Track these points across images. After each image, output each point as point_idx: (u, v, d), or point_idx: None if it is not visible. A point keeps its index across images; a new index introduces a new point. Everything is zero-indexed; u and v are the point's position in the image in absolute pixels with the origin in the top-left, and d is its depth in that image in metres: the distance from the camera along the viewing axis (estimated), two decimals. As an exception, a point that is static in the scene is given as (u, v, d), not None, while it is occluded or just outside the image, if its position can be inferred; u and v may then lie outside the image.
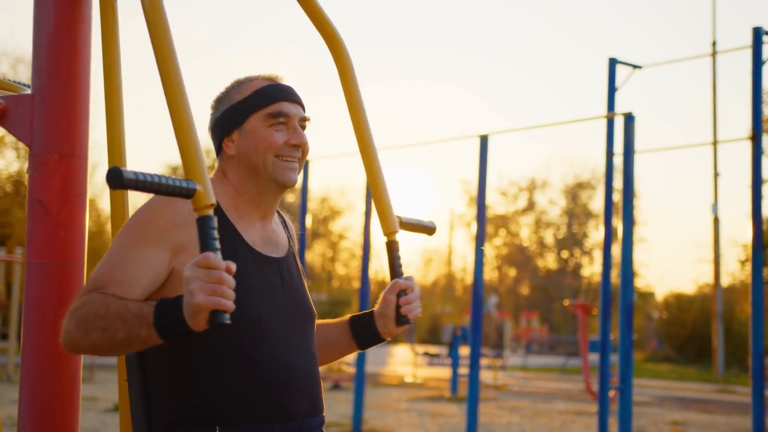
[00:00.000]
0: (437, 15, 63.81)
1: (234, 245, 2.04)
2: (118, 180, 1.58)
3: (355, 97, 2.31)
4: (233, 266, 1.67)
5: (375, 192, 2.28)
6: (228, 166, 2.13)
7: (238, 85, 2.16)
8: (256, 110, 2.09)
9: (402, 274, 2.24)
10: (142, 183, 1.61)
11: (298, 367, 2.06)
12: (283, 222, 2.32)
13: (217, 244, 1.68)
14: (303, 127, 2.15)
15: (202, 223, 1.69)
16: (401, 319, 2.20)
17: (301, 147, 2.13)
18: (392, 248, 2.25)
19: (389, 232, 2.25)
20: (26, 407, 2.06)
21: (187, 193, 1.68)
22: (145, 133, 57.71)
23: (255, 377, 1.98)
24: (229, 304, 1.65)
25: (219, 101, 2.16)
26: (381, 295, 2.24)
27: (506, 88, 66.18)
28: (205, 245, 1.67)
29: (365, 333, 2.28)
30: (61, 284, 2.08)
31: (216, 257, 1.65)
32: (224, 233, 2.03)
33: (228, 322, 1.65)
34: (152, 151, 57.90)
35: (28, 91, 2.40)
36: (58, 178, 2.08)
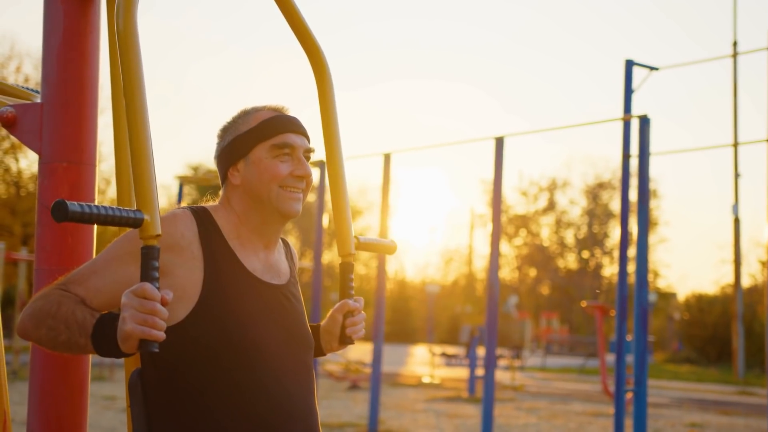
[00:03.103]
0: (452, 16, 63.81)
1: (233, 271, 2.06)
2: (63, 213, 1.61)
3: (331, 115, 2.33)
4: (169, 297, 1.72)
5: (336, 212, 2.32)
6: (232, 195, 2.15)
7: (245, 115, 2.17)
8: (262, 141, 2.12)
9: (352, 295, 2.30)
10: (87, 215, 1.64)
11: (295, 396, 2.08)
12: (288, 250, 2.35)
13: (157, 275, 1.72)
14: (307, 158, 2.18)
15: (146, 252, 1.73)
16: (344, 339, 2.27)
17: (305, 178, 2.15)
18: (346, 269, 2.30)
19: (345, 254, 2.30)
20: (35, 410, 2.10)
21: (135, 223, 1.72)
22: (163, 129, 58.03)
23: (252, 406, 2.00)
24: (158, 335, 1.70)
25: (225, 131, 2.18)
26: (329, 313, 2.29)
27: (520, 89, 66.16)
28: (145, 275, 1.72)
29: None
30: (69, 289, 2.11)
31: (152, 288, 1.70)
32: (224, 259, 2.06)
33: (156, 350, 1.70)
34: (167, 148, 58.18)
35: (39, 98, 2.45)
36: (67, 185, 2.12)
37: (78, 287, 1.92)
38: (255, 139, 2.12)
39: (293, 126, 2.16)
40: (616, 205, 48.02)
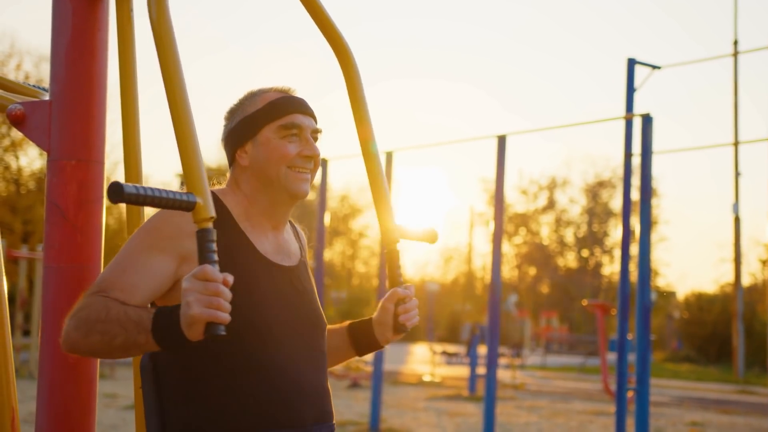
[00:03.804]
0: (453, 15, 63.81)
1: (246, 254, 2.06)
2: (118, 194, 1.61)
3: (361, 106, 2.32)
4: (230, 279, 1.70)
5: (378, 202, 2.30)
6: (241, 177, 2.15)
7: (252, 96, 2.18)
8: (270, 122, 2.12)
9: (402, 282, 2.27)
10: (142, 197, 1.64)
11: (307, 375, 2.08)
12: (296, 232, 2.35)
13: (215, 257, 1.71)
14: (315, 139, 2.18)
15: (202, 235, 1.72)
16: (399, 328, 2.24)
17: (313, 158, 2.15)
18: (393, 258, 2.27)
19: (390, 242, 2.27)
20: (43, 408, 2.09)
21: (188, 206, 1.71)
22: (163, 128, 58.02)
23: (264, 386, 2.01)
24: (225, 317, 1.68)
25: (232, 112, 2.18)
26: (380, 303, 2.27)
27: (521, 88, 66.18)
28: (204, 258, 1.71)
29: (363, 340, 2.32)
30: (78, 287, 2.11)
31: (213, 270, 1.68)
32: (236, 242, 2.06)
33: (223, 333, 1.68)
34: (167, 147, 58.15)
35: (47, 96, 2.45)
36: (75, 183, 2.12)
37: (114, 291, 1.89)
38: (263, 120, 2.12)
39: (301, 106, 2.16)
40: (615, 204, 48.06)
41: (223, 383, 1.99)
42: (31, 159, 28.76)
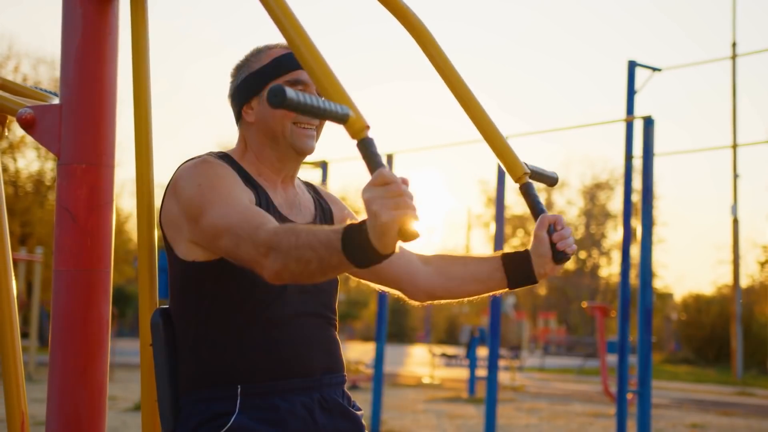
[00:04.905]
0: (453, 17, 63.84)
1: (267, 207, 2.09)
2: (281, 98, 1.55)
3: (449, 69, 2.35)
4: (408, 178, 1.59)
5: (495, 143, 2.26)
6: (248, 133, 2.17)
7: (258, 53, 2.19)
8: (275, 78, 2.13)
9: (545, 210, 2.16)
10: (302, 104, 1.57)
11: (315, 329, 2.11)
12: (315, 191, 2.34)
13: (384, 161, 1.62)
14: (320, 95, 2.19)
15: (364, 144, 1.64)
16: (559, 256, 2.11)
17: None
18: (528, 189, 2.18)
19: (520, 176, 2.20)
20: (54, 413, 2.09)
21: (342, 118, 1.65)
22: (162, 129, 57.91)
23: (273, 338, 2.03)
24: (417, 215, 1.56)
25: (239, 69, 2.20)
26: (533, 233, 2.18)
27: (520, 90, 66.24)
28: (374, 164, 1.61)
29: (518, 272, 2.22)
30: (88, 291, 2.11)
31: (389, 171, 1.57)
32: (259, 198, 2.08)
33: (419, 236, 1.55)
34: (166, 148, 58.12)
35: (56, 100, 2.44)
36: (86, 186, 2.11)
37: (268, 221, 1.85)
38: (268, 76, 2.13)
39: None
40: (613, 206, 48.10)
41: (232, 335, 2.02)
42: (29, 161, 28.72)
